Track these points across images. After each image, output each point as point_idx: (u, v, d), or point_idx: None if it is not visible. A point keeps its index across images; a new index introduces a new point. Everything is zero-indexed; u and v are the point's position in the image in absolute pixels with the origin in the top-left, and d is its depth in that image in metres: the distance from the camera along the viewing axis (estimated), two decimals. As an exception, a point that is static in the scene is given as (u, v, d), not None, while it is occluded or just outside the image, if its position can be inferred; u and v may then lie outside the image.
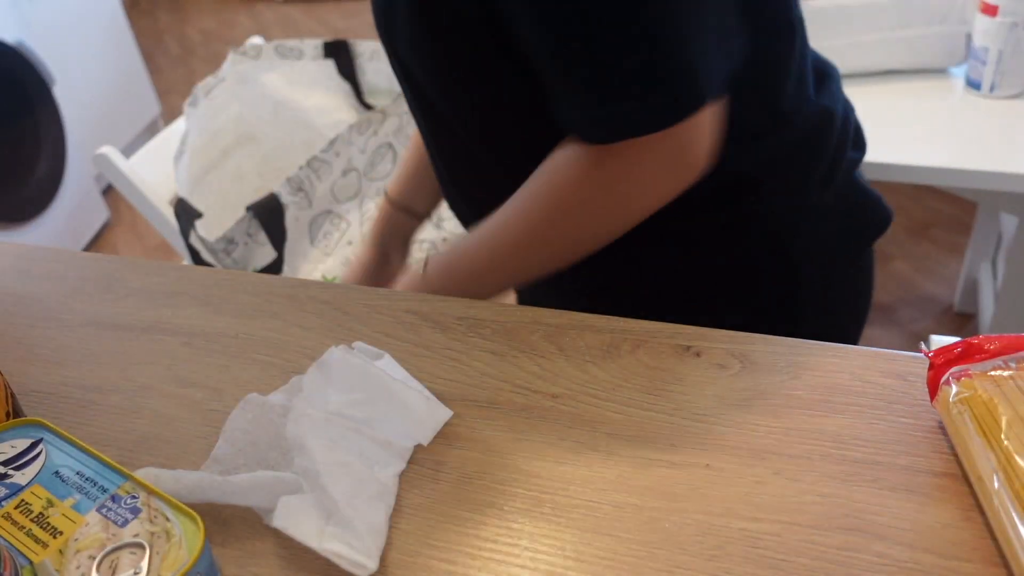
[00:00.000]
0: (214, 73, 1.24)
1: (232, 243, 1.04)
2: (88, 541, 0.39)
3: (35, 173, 2.20)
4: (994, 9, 1.10)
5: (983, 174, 1.02)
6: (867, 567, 0.40)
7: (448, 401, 0.52)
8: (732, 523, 0.43)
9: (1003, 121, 1.12)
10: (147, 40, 4.02)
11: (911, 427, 0.47)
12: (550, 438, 0.49)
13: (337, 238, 1.14)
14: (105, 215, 2.52)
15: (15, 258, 0.72)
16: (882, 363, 0.52)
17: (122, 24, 2.76)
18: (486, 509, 0.45)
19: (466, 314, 0.59)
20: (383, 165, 1.18)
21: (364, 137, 1.14)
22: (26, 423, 0.45)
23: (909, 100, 1.20)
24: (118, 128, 2.69)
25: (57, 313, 0.64)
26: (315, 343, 0.58)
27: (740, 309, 0.68)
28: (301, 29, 3.94)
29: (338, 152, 1.11)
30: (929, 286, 1.91)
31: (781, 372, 0.52)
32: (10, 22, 2.15)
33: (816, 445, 0.46)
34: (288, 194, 1.07)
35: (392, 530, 0.44)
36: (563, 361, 0.54)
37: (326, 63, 1.35)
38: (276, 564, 0.43)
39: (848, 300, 0.73)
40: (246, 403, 0.48)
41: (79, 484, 0.42)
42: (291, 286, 0.65)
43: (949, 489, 0.43)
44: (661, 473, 0.46)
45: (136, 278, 0.67)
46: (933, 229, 2.10)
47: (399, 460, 0.47)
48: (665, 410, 0.50)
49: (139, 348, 0.59)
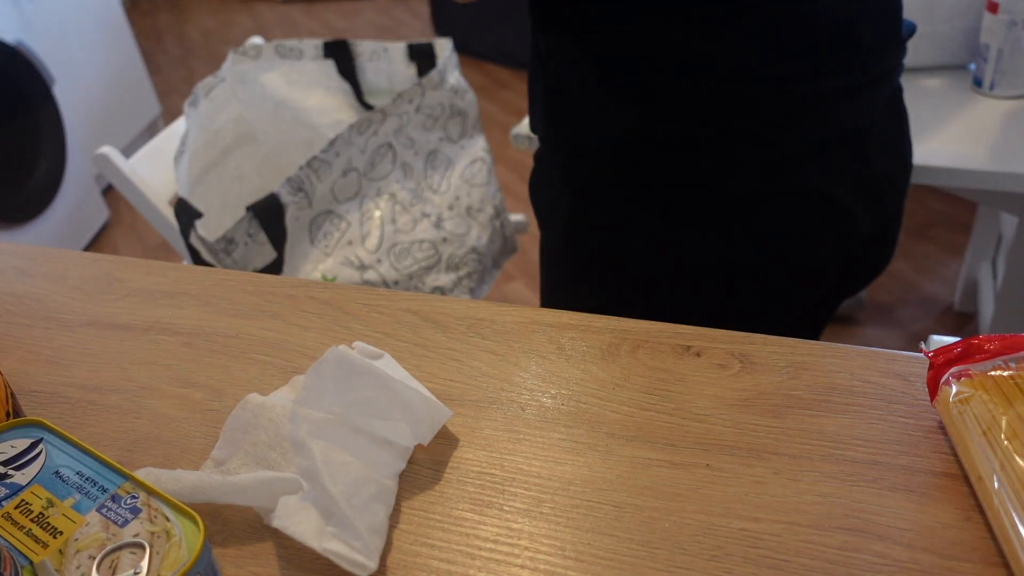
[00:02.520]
0: (214, 73, 1.24)
1: (232, 243, 1.04)
2: (88, 541, 0.39)
3: (35, 173, 2.20)
4: (995, 7, 1.10)
5: (983, 174, 1.02)
6: (867, 567, 0.40)
7: (448, 401, 0.52)
8: (732, 523, 0.43)
9: (1003, 121, 1.12)
10: (147, 40, 4.02)
11: (911, 427, 0.47)
12: (550, 438, 0.49)
13: (337, 238, 1.14)
14: (105, 215, 2.52)
15: (15, 258, 0.72)
16: (882, 363, 0.52)
17: (122, 24, 2.75)
18: (486, 509, 0.45)
19: (466, 314, 0.59)
20: (383, 165, 1.18)
21: (364, 137, 1.14)
22: (26, 423, 0.45)
23: (910, 99, 1.20)
24: (118, 128, 2.68)
25: (57, 313, 0.64)
26: (315, 343, 0.58)
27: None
28: (301, 29, 3.94)
29: (338, 152, 1.11)
30: (929, 286, 1.91)
31: (781, 372, 0.52)
32: (10, 22, 2.15)
33: (816, 445, 0.47)
34: (288, 194, 1.07)
35: (392, 530, 0.44)
36: (563, 361, 0.54)
37: (326, 63, 1.35)
38: (276, 564, 0.43)
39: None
40: (246, 403, 0.48)
41: (79, 484, 0.42)
42: (291, 286, 0.65)
43: (949, 489, 0.43)
44: (661, 473, 0.46)
45: (136, 278, 0.67)
46: (933, 229, 2.10)
47: (399, 460, 0.47)
48: (665, 410, 0.50)
49: (139, 348, 0.59)
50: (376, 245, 1.16)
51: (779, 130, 0.66)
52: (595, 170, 0.72)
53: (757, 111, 0.65)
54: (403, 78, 1.37)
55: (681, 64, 0.64)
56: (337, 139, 1.10)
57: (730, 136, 0.66)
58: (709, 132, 0.66)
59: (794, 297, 0.74)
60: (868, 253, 0.77)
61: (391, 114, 1.16)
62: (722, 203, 0.69)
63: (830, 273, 0.74)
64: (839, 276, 0.75)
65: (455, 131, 1.27)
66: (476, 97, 1.29)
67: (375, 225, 1.17)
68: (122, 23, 2.75)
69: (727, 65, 0.63)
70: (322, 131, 1.34)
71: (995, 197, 1.19)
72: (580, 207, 0.74)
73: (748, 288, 0.72)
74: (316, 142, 1.33)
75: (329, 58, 1.35)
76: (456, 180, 1.26)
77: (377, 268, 1.15)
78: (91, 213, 2.45)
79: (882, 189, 0.72)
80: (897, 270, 1.97)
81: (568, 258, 0.79)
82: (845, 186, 0.69)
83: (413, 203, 1.20)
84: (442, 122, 1.25)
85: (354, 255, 1.14)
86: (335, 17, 4.07)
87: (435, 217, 1.21)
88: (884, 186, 0.72)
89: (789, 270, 0.72)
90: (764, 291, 0.73)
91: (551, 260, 0.82)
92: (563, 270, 0.81)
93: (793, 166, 0.67)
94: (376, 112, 1.14)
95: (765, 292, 0.73)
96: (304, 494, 0.43)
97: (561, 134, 0.74)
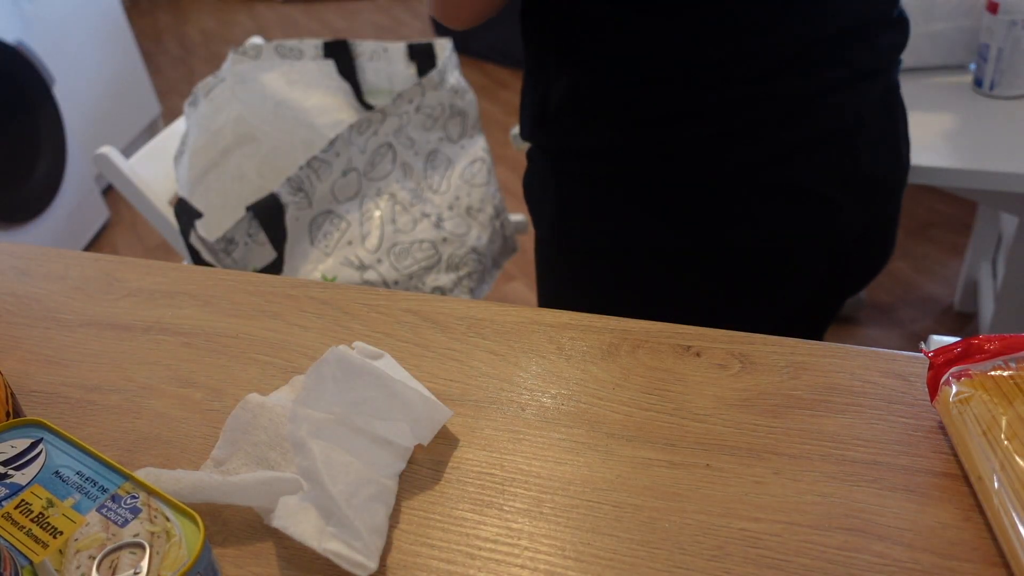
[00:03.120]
0: (214, 73, 1.24)
1: (232, 243, 1.04)
2: (88, 541, 0.39)
3: (35, 173, 2.20)
4: (995, 7, 1.10)
5: (983, 174, 1.02)
6: (867, 567, 0.40)
7: (448, 401, 0.52)
8: (732, 523, 0.43)
9: (1003, 121, 1.12)
10: (147, 40, 4.02)
11: (911, 427, 0.47)
12: (550, 438, 0.49)
13: (337, 238, 1.14)
14: (105, 215, 2.52)
15: (15, 258, 0.72)
16: (882, 363, 0.52)
17: (122, 24, 2.75)
18: (486, 509, 0.45)
19: (466, 314, 0.59)
20: (383, 165, 1.18)
21: (364, 137, 1.14)
22: (26, 423, 0.45)
23: (910, 99, 1.20)
24: (118, 128, 2.68)
25: (57, 313, 0.64)
26: (315, 343, 0.58)
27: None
28: (301, 29, 3.94)
29: (338, 152, 1.11)
30: (929, 286, 1.91)
31: (781, 372, 0.52)
32: (10, 22, 2.15)
33: (816, 445, 0.47)
34: (288, 194, 1.07)
35: (392, 530, 0.44)
36: (563, 361, 0.54)
37: (326, 63, 1.35)
38: (276, 564, 0.43)
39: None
40: (246, 403, 0.48)
41: (79, 484, 0.42)
42: (291, 286, 0.65)
43: (949, 489, 0.43)
44: (661, 473, 0.46)
45: (136, 278, 0.67)
46: (933, 229, 2.10)
47: (399, 460, 0.47)
48: (665, 410, 0.50)
49: (139, 348, 0.59)
50: (376, 245, 1.16)
51: (764, 129, 0.66)
52: (580, 167, 0.73)
53: (742, 112, 0.65)
54: (403, 78, 1.37)
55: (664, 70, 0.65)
56: (337, 139, 1.10)
57: (715, 137, 0.66)
58: (693, 134, 0.67)
59: (780, 294, 0.74)
60: (862, 252, 0.77)
61: (391, 114, 1.16)
62: (706, 199, 0.69)
63: (816, 271, 0.74)
64: (829, 275, 0.75)
65: (455, 131, 1.27)
66: (476, 97, 1.29)
67: (375, 225, 1.17)
68: (122, 23, 2.76)
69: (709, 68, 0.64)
70: (322, 131, 1.34)
71: (995, 197, 1.19)
72: (566, 202, 0.75)
73: (733, 283, 0.73)
74: (316, 142, 1.33)
75: (329, 58, 1.35)
76: (456, 180, 1.26)
77: (377, 268, 1.15)
78: (91, 213, 2.45)
79: (873, 188, 0.72)
80: (897, 270, 1.97)
81: (556, 253, 0.80)
82: (833, 184, 0.69)
83: (413, 203, 1.20)
84: (442, 122, 1.25)
85: (354, 255, 1.14)
86: (335, 17, 4.07)
87: (435, 217, 1.21)
88: (875, 185, 0.72)
89: (774, 266, 0.72)
90: (750, 287, 0.73)
91: (541, 256, 0.83)
92: (552, 266, 0.82)
93: (779, 164, 0.67)
94: (376, 112, 1.14)
95: (751, 288, 0.73)
96: (304, 494, 0.43)
97: (547, 139, 0.75)
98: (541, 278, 0.85)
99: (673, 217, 0.70)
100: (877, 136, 0.71)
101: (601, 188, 0.72)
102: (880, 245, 0.79)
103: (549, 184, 0.77)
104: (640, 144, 0.68)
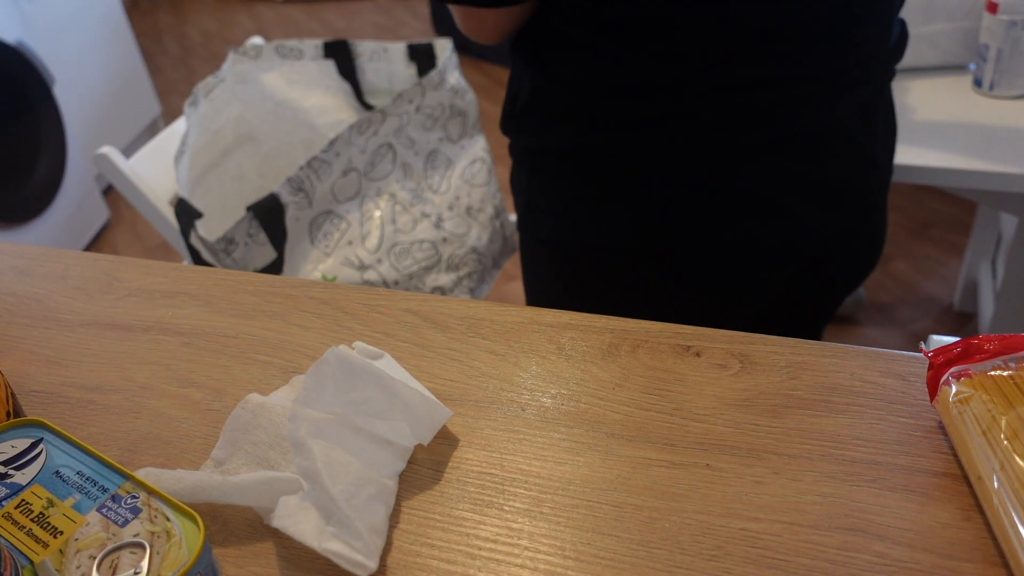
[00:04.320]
0: (214, 73, 1.24)
1: (232, 243, 1.04)
2: (88, 541, 0.39)
3: (35, 173, 2.20)
4: (995, 7, 1.10)
5: (983, 174, 1.02)
6: (867, 567, 0.40)
7: (448, 401, 0.52)
8: (732, 523, 0.43)
9: (1003, 121, 1.12)
10: (147, 40, 4.02)
11: (911, 427, 0.47)
12: (550, 438, 0.49)
13: (337, 238, 1.14)
14: (105, 215, 2.52)
15: (15, 258, 0.72)
16: (882, 363, 0.52)
17: (122, 24, 2.75)
18: (486, 509, 0.45)
19: (466, 314, 0.60)
20: (383, 165, 1.18)
21: (364, 137, 1.14)
22: (26, 423, 0.45)
23: (910, 99, 1.20)
24: (118, 128, 2.68)
25: (57, 313, 0.64)
26: (315, 343, 0.58)
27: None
28: (301, 29, 3.94)
29: (338, 152, 1.11)
30: (929, 286, 1.91)
31: (781, 372, 0.52)
32: (10, 22, 2.15)
33: (816, 445, 0.47)
34: (288, 194, 1.07)
35: (392, 530, 0.44)
36: (563, 361, 0.54)
37: (326, 63, 1.35)
38: (276, 564, 0.43)
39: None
40: (246, 403, 0.48)
41: (79, 484, 0.42)
42: (291, 286, 0.65)
43: (949, 489, 0.43)
44: (661, 473, 0.46)
45: (136, 278, 0.67)
46: (933, 229, 2.10)
47: (399, 460, 0.47)
48: (665, 410, 0.50)
49: (139, 348, 0.59)
50: (376, 245, 1.16)
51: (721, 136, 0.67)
52: (544, 163, 0.76)
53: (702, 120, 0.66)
54: (403, 78, 1.37)
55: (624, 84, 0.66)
56: (337, 139, 1.10)
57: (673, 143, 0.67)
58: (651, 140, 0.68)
59: (738, 297, 0.74)
60: (838, 258, 0.76)
61: (391, 114, 1.16)
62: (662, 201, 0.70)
63: (777, 278, 0.74)
64: (798, 281, 0.75)
65: (455, 131, 1.27)
66: (476, 97, 1.29)
67: (375, 225, 1.17)
68: (122, 23, 2.75)
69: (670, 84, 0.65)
70: (322, 131, 1.34)
71: (995, 197, 1.19)
72: (535, 195, 0.78)
73: (690, 284, 0.73)
74: (316, 142, 1.33)
75: (329, 58, 1.35)
76: (456, 180, 1.26)
77: (377, 268, 1.15)
78: (91, 213, 2.45)
79: (839, 197, 0.71)
80: (897, 270, 1.97)
81: (527, 244, 0.83)
82: (792, 192, 0.69)
83: (413, 203, 1.20)
84: (442, 122, 1.25)
85: (354, 255, 1.14)
86: (335, 17, 4.07)
87: (435, 217, 1.21)
88: (841, 194, 0.71)
89: (730, 270, 0.72)
90: (707, 288, 0.74)
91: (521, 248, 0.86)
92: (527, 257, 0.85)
93: (734, 172, 0.68)
94: (376, 112, 1.14)
95: (708, 289, 0.74)
96: (304, 494, 0.43)
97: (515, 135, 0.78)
98: (522, 269, 0.88)
99: (631, 216, 0.71)
100: (847, 145, 0.70)
101: (564, 185, 0.74)
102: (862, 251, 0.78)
103: (522, 178, 0.79)
104: (598, 147, 0.70)
